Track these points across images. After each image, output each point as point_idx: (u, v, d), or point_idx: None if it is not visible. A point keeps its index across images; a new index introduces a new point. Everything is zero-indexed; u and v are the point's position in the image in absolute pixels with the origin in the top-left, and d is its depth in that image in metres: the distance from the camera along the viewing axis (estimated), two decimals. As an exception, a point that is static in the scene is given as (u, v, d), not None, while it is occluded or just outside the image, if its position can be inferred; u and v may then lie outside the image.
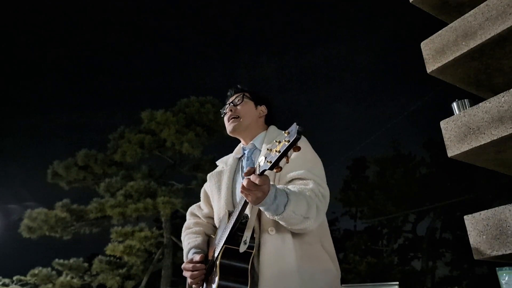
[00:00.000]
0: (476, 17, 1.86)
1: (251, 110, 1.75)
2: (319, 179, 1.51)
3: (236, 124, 1.72)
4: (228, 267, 1.40)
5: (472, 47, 1.85)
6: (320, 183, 1.49)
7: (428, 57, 2.05)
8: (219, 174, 1.77)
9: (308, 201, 1.39)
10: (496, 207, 1.67)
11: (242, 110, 1.74)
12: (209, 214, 1.80)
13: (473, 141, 1.76)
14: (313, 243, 1.50)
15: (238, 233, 1.43)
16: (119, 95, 43.72)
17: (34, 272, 11.82)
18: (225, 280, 1.38)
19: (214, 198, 1.73)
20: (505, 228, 1.61)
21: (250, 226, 1.43)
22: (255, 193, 1.25)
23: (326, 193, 1.50)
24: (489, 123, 1.72)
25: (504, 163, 1.95)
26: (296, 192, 1.39)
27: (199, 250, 1.66)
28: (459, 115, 1.85)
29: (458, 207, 16.57)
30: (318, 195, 1.45)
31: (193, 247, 1.68)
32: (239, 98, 1.76)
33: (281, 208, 1.32)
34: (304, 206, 1.37)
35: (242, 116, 1.73)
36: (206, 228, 1.78)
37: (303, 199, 1.38)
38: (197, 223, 1.82)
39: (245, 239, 1.41)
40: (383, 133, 26.12)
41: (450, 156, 1.87)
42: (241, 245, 1.41)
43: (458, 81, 2.10)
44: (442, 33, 2.01)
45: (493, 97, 1.74)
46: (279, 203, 1.32)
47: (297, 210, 1.35)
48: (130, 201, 11.70)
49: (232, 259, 1.41)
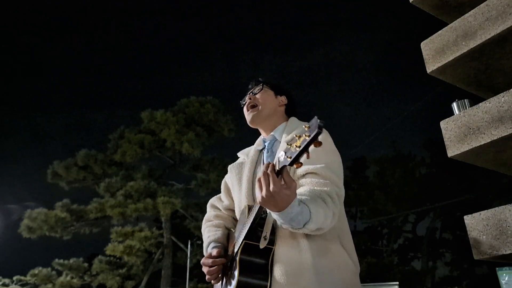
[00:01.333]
0: (476, 17, 1.86)
1: (270, 99, 1.70)
2: (337, 178, 1.44)
3: (256, 114, 1.67)
4: (248, 263, 1.37)
5: (472, 47, 1.85)
6: (337, 184, 1.43)
7: (428, 57, 2.05)
8: (240, 166, 1.72)
9: (325, 212, 1.32)
10: (496, 207, 1.68)
11: (261, 98, 1.69)
12: (229, 206, 1.76)
13: (473, 141, 1.76)
14: (330, 238, 1.44)
15: (258, 228, 1.40)
16: (119, 95, 43.76)
17: (34, 272, 11.83)
18: (245, 276, 1.35)
19: (235, 190, 1.69)
20: (505, 228, 1.61)
21: (269, 221, 1.40)
22: (278, 198, 1.17)
23: (341, 193, 1.44)
24: (489, 123, 1.72)
25: (504, 163, 1.95)
26: (315, 204, 1.30)
27: (219, 244, 1.62)
28: (459, 115, 1.85)
29: (458, 207, 16.58)
30: (334, 200, 1.37)
31: (213, 240, 1.65)
32: (259, 87, 1.73)
33: (300, 225, 1.26)
34: (321, 219, 1.30)
35: (261, 104, 1.68)
36: (226, 221, 1.75)
37: (321, 211, 1.30)
38: (218, 216, 1.78)
39: (265, 235, 1.38)
40: (383, 133, 26.16)
41: (450, 156, 1.87)
42: (261, 241, 1.38)
43: (458, 81, 2.10)
44: (442, 33, 2.01)
45: (493, 97, 1.74)
46: (299, 222, 1.25)
47: (314, 227, 1.29)
48: (130, 201, 11.70)
49: (252, 255, 1.38)
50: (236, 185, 1.69)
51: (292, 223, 1.25)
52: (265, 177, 1.18)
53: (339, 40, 43.67)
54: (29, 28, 42.69)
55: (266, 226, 1.40)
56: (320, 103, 32.04)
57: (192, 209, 12.61)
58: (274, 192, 1.16)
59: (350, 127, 34.20)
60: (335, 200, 1.38)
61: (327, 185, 1.39)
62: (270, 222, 1.40)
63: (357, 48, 41.95)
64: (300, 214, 1.24)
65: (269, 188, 1.17)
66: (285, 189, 1.17)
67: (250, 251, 1.38)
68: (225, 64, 45.31)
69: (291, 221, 1.24)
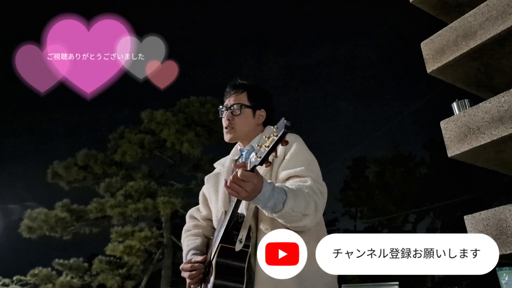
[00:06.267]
0: (476, 17, 1.86)
1: (248, 121, 1.73)
2: (316, 176, 1.52)
3: (232, 136, 1.73)
4: (224, 266, 1.39)
5: (472, 47, 1.85)
6: (317, 180, 1.50)
7: (428, 57, 2.05)
8: (216, 176, 1.77)
9: (306, 198, 1.39)
10: (496, 207, 1.67)
11: (239, 121, 1.72)
12: (207, 216, 1.81)
13: (473, 141, 1.76)
14: (310, 241, 1.49)
15: (233, 231, 1.43)
16: (119, 95, 43.71)
17: (34, 272, 11.82)
18: (221, 279, 1.37)
19: (212, 200, 1.74)
20: (505, 228, 1.61)
21: (246, 225, 1.43)
22: (244, 188, 1.25)
23: (324, 190, 1.50)
24: (489, 123, 1.72)
25: (504, 163, 1.95)
26: (294, 190, 1.39)
27: (198, 252, 1.67)
28: (459, 115, 1.85)
29: (458, 207, 16.57)
30: (316, 192, 1.45)
31: (192, 248, 1.69)
32: (237, 108, 1.72)
33: (280, 205, 1.33)
34: (302, 203, 1.37)
35: (238, 127, 1.71)
36: (205, 230, 1.79)
37: (301, 196, 1.38)
38: (196, 226, 1.83)
39: (240, 238, 1.41)
40: (383, 133, 26.14)
41: (450, 156, 1.87)
42: (236, 244, 1.41)
43: (458, 81, 2.10)
44: (442, 33, 2.01)
45: (493, 97, 1.74)
46: (276, 201, 1.32)
47: (296, 208, 1.35)
48: (130, 201, 11.70)
49: (228, 258, 1.40)
50: (213, 195, 1.73)
51: (267, 204, 1.32)
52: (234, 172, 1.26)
53: (339, 40, 43.67)
54: (29, 26, 42.69)
55: (242, 230, 1.43)
56: (321, 103, 32.00)
57: (192, 209, 12.58)
58: (242, 177, 1.23)
59: (351, 127, 34.19)
60: (316, 192, 1.45)
61: (308, 181, 1.47)
62: (246, 226, 1.43)
63: (357, 48, 41.94)
64: (273, 195, 1.31)
65: (236, 175, 1.24)
66: (253, 178, 1.25)
67: (226, 254, 1.41)
68: (227, 63, 45.31)
69: (266, 202, 1.31)
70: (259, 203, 1.32)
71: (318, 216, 1.46)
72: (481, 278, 6.19)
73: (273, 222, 1.44)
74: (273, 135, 1.09)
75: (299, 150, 1.58)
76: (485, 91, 2.16)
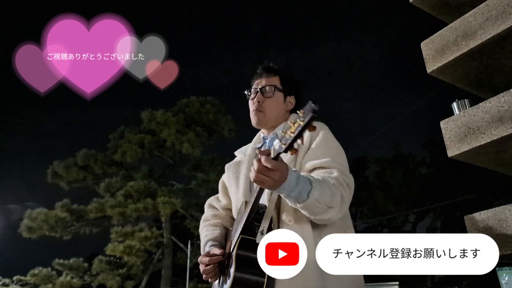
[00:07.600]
0: (476, 17, 1.86)
1: (279, 105, 1.66)
2: (343, 167, 1.45)
3: (261, 119, 1.64)
4: (245, 259, 1.32)
5: (472, 47, 1.85)
6: (344, 172, 1.43)
7: (428, 57, 2.05)
8: (237, 165, 1.70)
9: (332, 190, 1.33)
10: (496, 207, 1.67)
11: (270, 104, 1.64)
12: (227, 205, 1.75)
13: (473, 141, 1.76)
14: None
15: (254, 223, 1.37)
16: (119, 95, 43.67)
17: (34, 272, 11.83)
18: (241, 272, 1.31)
19: (232, 189, 1.68)
20: (505, 228, 1.61)
21: (267, 216, 1.38)
22: (269, 177, 1.19)
23: (351, 182, 1.43)
24: (489, 123, 1.72)
25: (504, 163, 1.95)
26: (320, 180, 1.33)
27: (216, 243, 1.61)
28: (459, 115, 1.85)
29: (458, 207, 16.57)
30: (342, 184, 1.39)
31: (210, 239, 1.63)
32: (270, 90, 1.65)
33: (304, 195, 1.26)
34: (328, 194, 1.31)
35: (269, 110, 1.64)
36: (224, 220, 1.73)
37: (327, 187, 1.32)
38: (215, 215, 1.76)
39: (262, 229, 1.35)
40: (383, 133, 26.14)
41: (450, 156, 1.87)
42: (258, 235, 1.34)
43: (458, 81, 2.10)
44: (442, 33, 2.01)
45: (493, 97, 1.74)
46: (301, 190, 1.26)
47: (321, 199, 1.29)
48: (130, 201, 11.71)
49: (249, 250, 1.33)
50: (233, 184, 1.67)
51: (291, 193, 1.26)
52: (258, 160, 1.20)
53: (340, 40, 43.67)
54: (30, 26, 42.70)
55: (263, 221, 1.37)
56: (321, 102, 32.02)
57: (192, 209, 12.60)
58: (270, 166, 1.17)
59: (351, 127, 34.19)
60: (343, 184, 1.39)
61: (334, 173, 1.40)
62: (268, 217, 1.38)
63: (357, 48, 41.93)
64: (298, 184, 1.25)
65: (262, 165, 1.18)
66: (280, 166, 1.19)
67: (246, 246, 1.34)
68: (228, 62, 45.31)
69: (290, 192, 1.25)
70: (283, 192, 1.26)
71: (344, 210, 1.39)
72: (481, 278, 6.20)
73: (296, 214, 1.38)
74: (299, 120, 1.03)
75: (326, 139, 1.50)
76: (485, 91, 2.16)
